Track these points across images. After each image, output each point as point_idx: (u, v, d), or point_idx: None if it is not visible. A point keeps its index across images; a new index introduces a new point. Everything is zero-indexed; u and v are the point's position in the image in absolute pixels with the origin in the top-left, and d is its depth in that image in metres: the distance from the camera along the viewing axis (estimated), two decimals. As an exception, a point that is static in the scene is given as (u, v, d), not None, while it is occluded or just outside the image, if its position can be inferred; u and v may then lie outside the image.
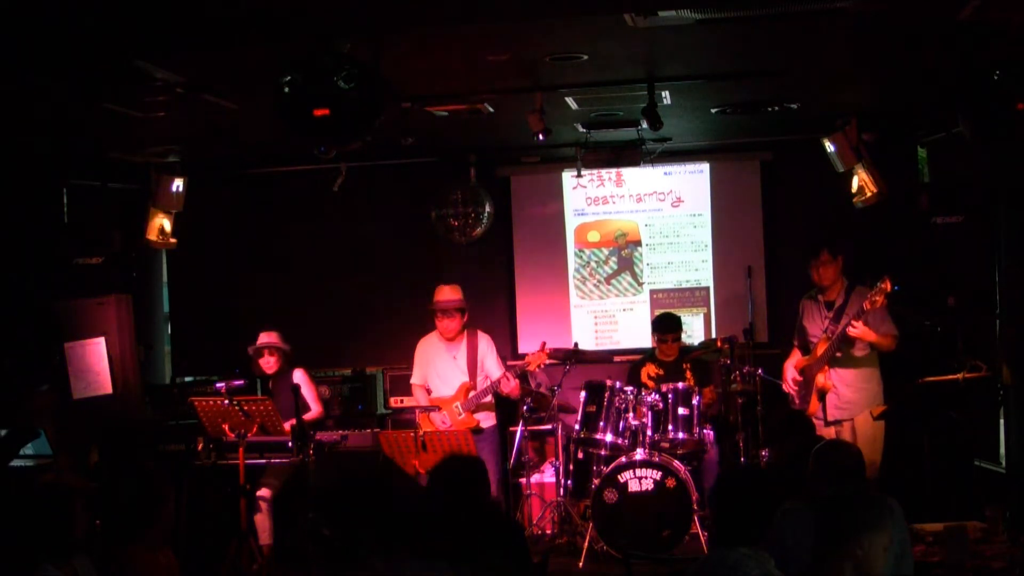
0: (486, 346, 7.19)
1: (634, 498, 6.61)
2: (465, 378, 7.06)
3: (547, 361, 7.12)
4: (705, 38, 5.08)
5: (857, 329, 6.29)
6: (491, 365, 7.12)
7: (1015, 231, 6.79)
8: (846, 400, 6.55)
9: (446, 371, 7.13)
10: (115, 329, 7.19)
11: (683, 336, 7.80)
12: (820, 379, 6.53)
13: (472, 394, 6.99)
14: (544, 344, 7.06)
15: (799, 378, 6.78)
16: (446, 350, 7.16)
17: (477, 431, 6.88)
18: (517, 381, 7.02)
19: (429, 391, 7.20)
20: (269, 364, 7.21)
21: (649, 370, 7.50)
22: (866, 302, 6.20)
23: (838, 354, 6.51)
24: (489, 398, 7.07)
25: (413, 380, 7.31)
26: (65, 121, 6.29)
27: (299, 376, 7.15)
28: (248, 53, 4.99)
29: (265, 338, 7.22)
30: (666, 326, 7.59)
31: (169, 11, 4.34)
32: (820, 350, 6.57)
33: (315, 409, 7.20)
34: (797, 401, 6.80)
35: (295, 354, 7.35)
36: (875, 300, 6.16)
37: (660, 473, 6.61)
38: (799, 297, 6.98)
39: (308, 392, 7.19)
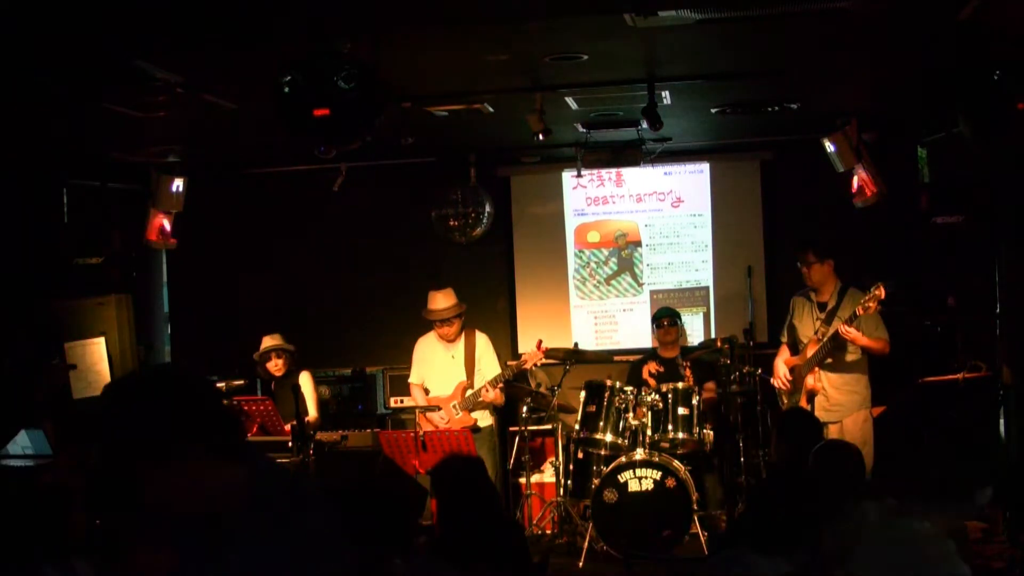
0: (484, 345, 7.20)
1: (634, 498, 6.61)
2: (463, 377, 7.07)
3: (542, 360, 7.13)
4: (705, 38, 5.08)
5: (850, 333, 6.29)
6: (488, 364, 7.13)
7: (1015, 231, 6.78)
8: (835, 402, 6.55)
9: (444, 370, 7.14)
10: (115, 329, 7.19)
11: (683, 335, 7.83)
12: (809, 380, 6.54)
13: (469, 393, 7.00)
14: (540, 342, 7.07)
15: (789, 376, 6.78)
16: (444, 350, 7.17)
17: (475, 429, 6.89)
18: (497, 391, 7.02)
19: (427, 390, 7.21)
20: (277, 367, 7.20)
21: (651, 367, 7.52)
22: (859, 307, 6.20)
23: (829, 360, 6.50)
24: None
25: (411, 379, 7.33)
26: (65, 121, 6.29)
27: (304, 380, 7.15)
28: (248, 53, 4.99)
29: (270, 341, 7.21)
30: (662, 312, 7.74)
31: (169, 11, 4.34)
32: (810, 351, 6.56)
33: (311, 414, 7.18)
34: (785, 400, 6.81)
35: (299, 356, 7.36)
36: (868, 306, 6.16)
37: (660, 473, 6.61)
38: (798, 297, 6.98)
39: (308, 396, 7.18)
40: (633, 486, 6.63)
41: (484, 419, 7.12)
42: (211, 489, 2.10)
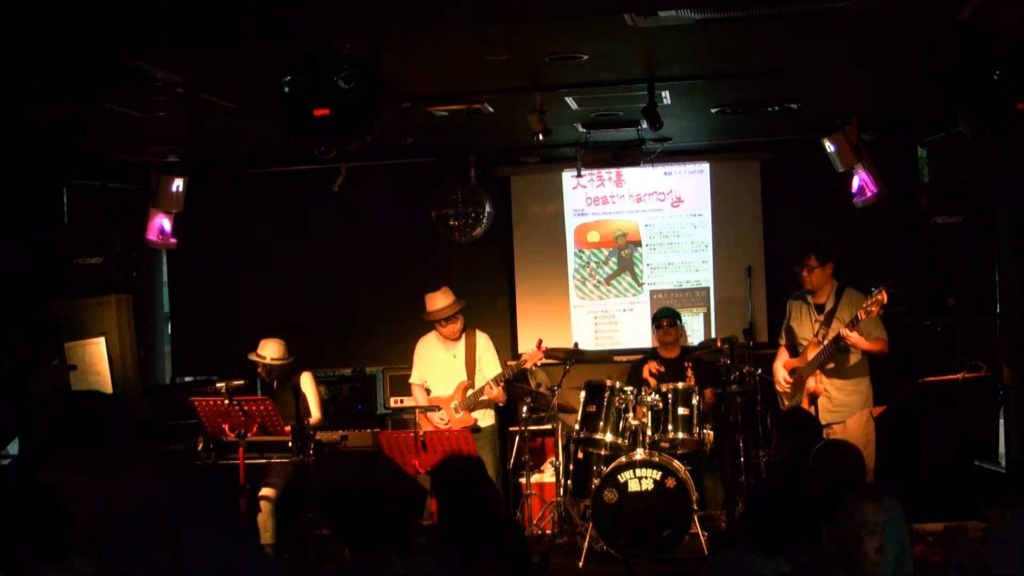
0: (485, 345, 7.20)
1: (634, 498, 6.60)
2: (464, 377, 7.07)
3: (542, 360, 7.13)
4: (705, 38, 5.09)
5: (851, 338, 6.27)
6: (489, 364, 7.13)
7: (1015, 231, 6.78)
8: (838, 404, 6.54)
9: (445, 370, 7.14)
10: (115, 329, 7.18)
11: (683, 335, 7.83)
12: (811, 383, 6.52)
13: (470, 393, 7.00)
14: (540, 342, 7.07)
15: (790, 379, 6.77)
16: (445, 349, 7.17)
17: (475, 430, 6.89)
18: (500, 389, 7.02)
19: (428, 391, 7.22)
20: (267, 374, 7.14)
21: (651, 367, 7.51)
22: (861, 311, 6.18)
23: (830, 365, 6.49)
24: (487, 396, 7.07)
25: (412, 379, 7.32)
26: (65, 121, 6.29)
27: (305, 381, 7.12)
28: (248, 53, 4.99)
29: (263, 350, 7.10)
30: (662, 313, 7.73)
31: (169, 11, 4.34)
32: (810, 353, 6.55)
33: (315, 416, 7.16)
34: (786, 402, 6.80)
35: (298, 359, 7.28)
36: (870, 310, 6.13)
37: (660, 473, 6.61)
38: (797, 297, 6.98)
39: (311, 397, 7.16)
40: (633, 486, 6.62)
41: (485, 419, 7.12)
42: (111, 495, 2.14)
